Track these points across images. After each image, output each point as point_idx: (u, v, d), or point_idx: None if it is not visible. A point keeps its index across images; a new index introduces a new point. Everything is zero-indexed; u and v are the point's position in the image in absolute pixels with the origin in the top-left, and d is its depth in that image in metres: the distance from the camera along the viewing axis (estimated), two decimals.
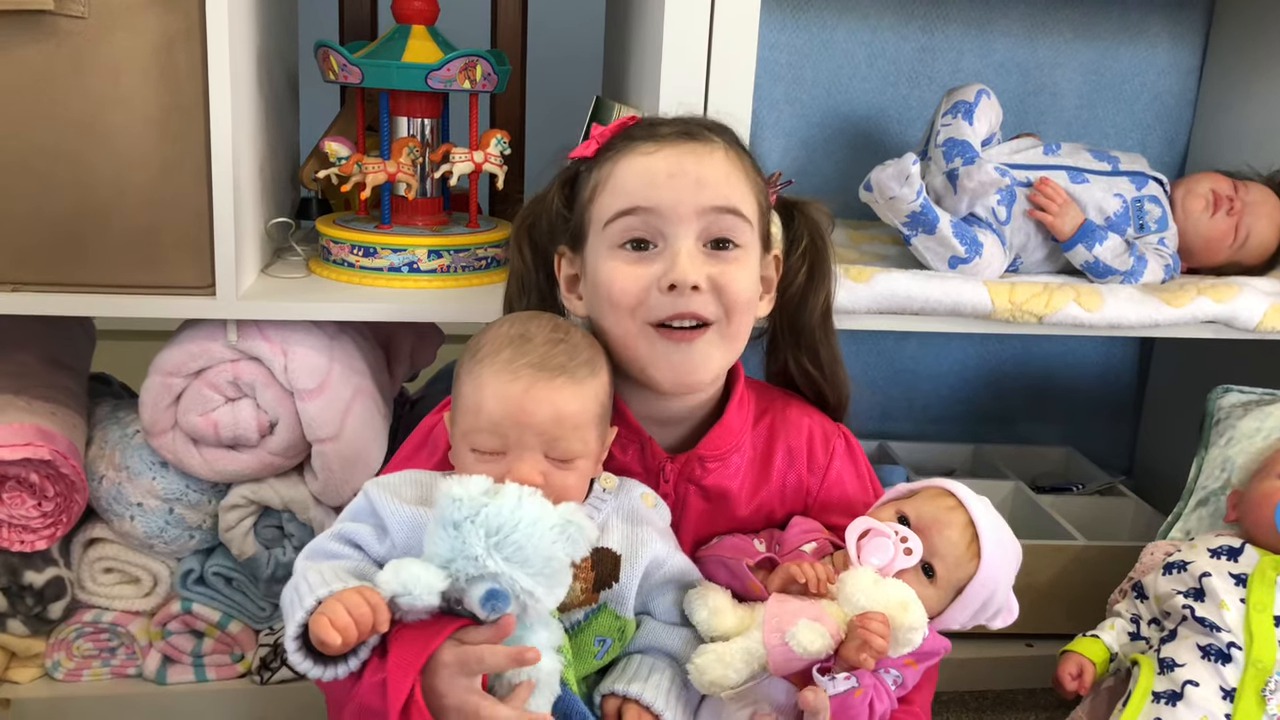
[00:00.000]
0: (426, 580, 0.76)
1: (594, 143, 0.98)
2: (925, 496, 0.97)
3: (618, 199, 0.92)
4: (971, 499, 0.96)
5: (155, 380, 1.21)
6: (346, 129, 1.47)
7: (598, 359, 0.91)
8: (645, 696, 0.86)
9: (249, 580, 1.32)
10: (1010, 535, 0.97)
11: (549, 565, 0.77)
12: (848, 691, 0.84)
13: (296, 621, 0.77)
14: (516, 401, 0.84)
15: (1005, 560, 0.95)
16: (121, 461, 1.27)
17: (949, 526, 0.93)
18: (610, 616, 0.88)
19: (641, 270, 0.91)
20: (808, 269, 1.04)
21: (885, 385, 1.84)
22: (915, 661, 0.91)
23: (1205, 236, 1.46)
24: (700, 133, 0.94)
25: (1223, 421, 1.37)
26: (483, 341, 0.89)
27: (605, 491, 0.92)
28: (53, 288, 1.15)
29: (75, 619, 1.31)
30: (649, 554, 0.89)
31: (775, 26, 1.63)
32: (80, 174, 1.12)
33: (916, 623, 0.86)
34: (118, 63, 1.10)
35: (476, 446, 0.86)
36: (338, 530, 0.86)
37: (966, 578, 0.93)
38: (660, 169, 0.91)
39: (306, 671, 0.78)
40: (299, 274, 1.31)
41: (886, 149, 1.69)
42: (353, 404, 1.25)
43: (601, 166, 0.95)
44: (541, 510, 0.78)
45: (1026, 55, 1.72)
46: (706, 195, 0.91)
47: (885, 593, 0.87)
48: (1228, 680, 1.07)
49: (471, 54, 1.27)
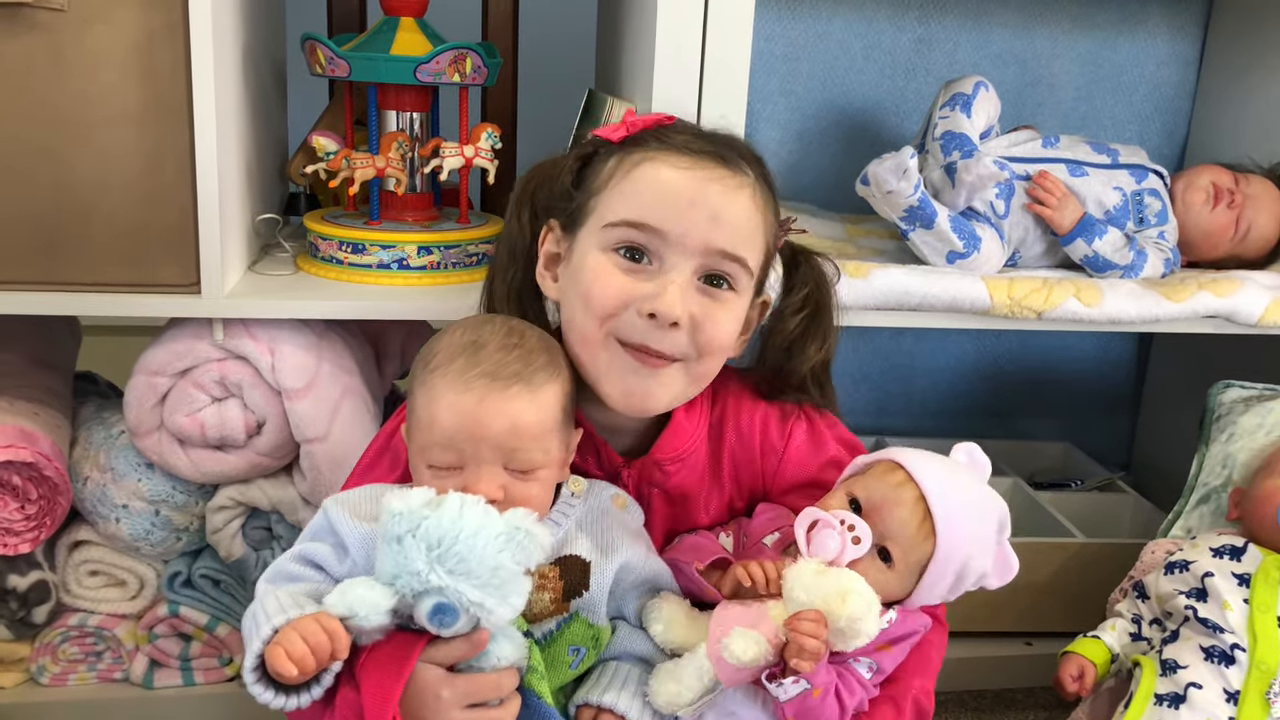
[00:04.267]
0: (372, 600, 0.75)
1: (624, 129, 0.93)
2: (875, 473, 0.90)
3: (629, 206, 0.88)
4: (922, 470, 0.88)
5: (140, 380, 1.19)
6: (334, 123, 1.45)
7: (555, 361, 0.87)
8: (619, 706, 0.84)
9: (237, 582, 1.30)
10: (979, 498, 0.89)
11: (496, 575, 0.74)
12: (801, 695, 0.81)
13: (254, 652, 0.75)
14: (470, 414, 0.81)
15: (969, 531, 0.87)
16: (106, 463, 1.25)
17: (898, 505, 0.86)
18: (583, 625, 0.86)
19: (628, 282, 0.88)
20: (805, 319, 0.99)
21: (882, 381, 1.83)
22: (890, 645, 0.87)
23: (1206, 230, 1.45)
24: (734, 160, 0.90)
25: (1224, 417, 1.36)
26: (435, 350, 0.86)
27: (574, 496, 0.90)
28: (35, 286, 1.13)
29: (60, 623, 1.29)
30: (619, 559, 0.87)
31: (770, 18, 1.61)
32: (61, 171, 1.10)
33: (858, 612, 0.80)
34: (99, 56, 1.07)
35: (432, 462, 0.83)
36: (298, 551, 0.84)
37: (925, 557, 0.86)
38: (683, 192, 0.87)
39: (268, 703, 0.76)
40: (286, 271, 1.29)
41: (883, 142, 1.68)
42: (341, 403, 1.23)
43: (623, 159, 0.90)
44: (484, 519, 0.75)
45: (1024, 46, 1.70)
46: (718, 236, 0.88)
47: (825, 585, 0.81)
48: (1231, 682, 1.06)
49: (461, 46, 1.25)
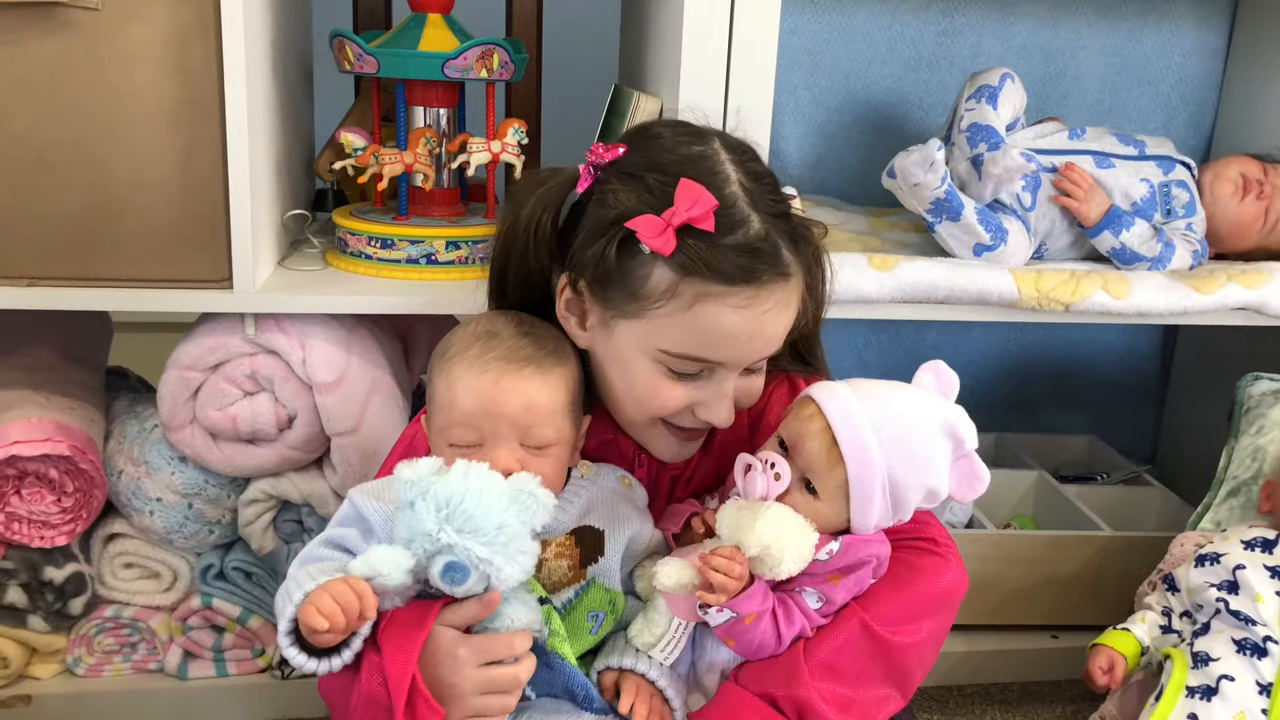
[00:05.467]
0: (393, 559, 0.79)
1: (669, 235, 0.86)
2: (793, 412, 0.92)
3: (690, 342, 0.89)
4: (828, 399, 0.89)
5: (173, 375, 1.21)
6: (362, 119, 1.46)
7: (563, 349, 0.93)
8: (639, 667, 0.90)
9: (268, 575, 1.32)
10: (906, 415, 0.89)
11: (502, 533, 0.79)
12: (728, 622, 0.86)
13: (287, 616, 0.81)
14: (488, 394, 0.87)
15: (885, 450, 0.87)
16: (140, 456, 1.26)
17: (808, 437, 0.88)
18: (600, 590, 0.91)
19: (680, 391, 0.91)
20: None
21: (905, 374, 1.80)
22: (839, 575, 0.89)
23: (1234, 221, 1.44)
24: (782, 259, 0.88)
25: (1253, 410, 1.35)
26: (452, 341, 0.92)
27: (583, 478, 0.95)
28: (70, 283, 1.15)
29: (96, 614, 1.30)
30: (629, 530, 0.93)
31: (794, 11, 1.61)
32: (95, 168, 1.11)
33: (766, 539, 0.84)
34: (132, 55, 1.09)
35: (453, 441, 0.89)
36: (326, 536, 0.89)
37: (842, 481, 0.87)
38: (742, 332, 0.88)
39: (301, 666, 0.81)
40: (316, 266, 1.30)
41: (907, 135, 1.67)
42: (371, 397, 1.24)
43: (678, 286, 0.87)
44: (489, 481, 0.80)
45: (1048, 38, 1.70)
46: (770, 349, 0.92)
47: (740, 519, 0.86)
48: (1264, 674, 1.05)
49: (488, 42, 1.25)
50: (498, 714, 0.83)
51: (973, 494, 0.92)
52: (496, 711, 0.82)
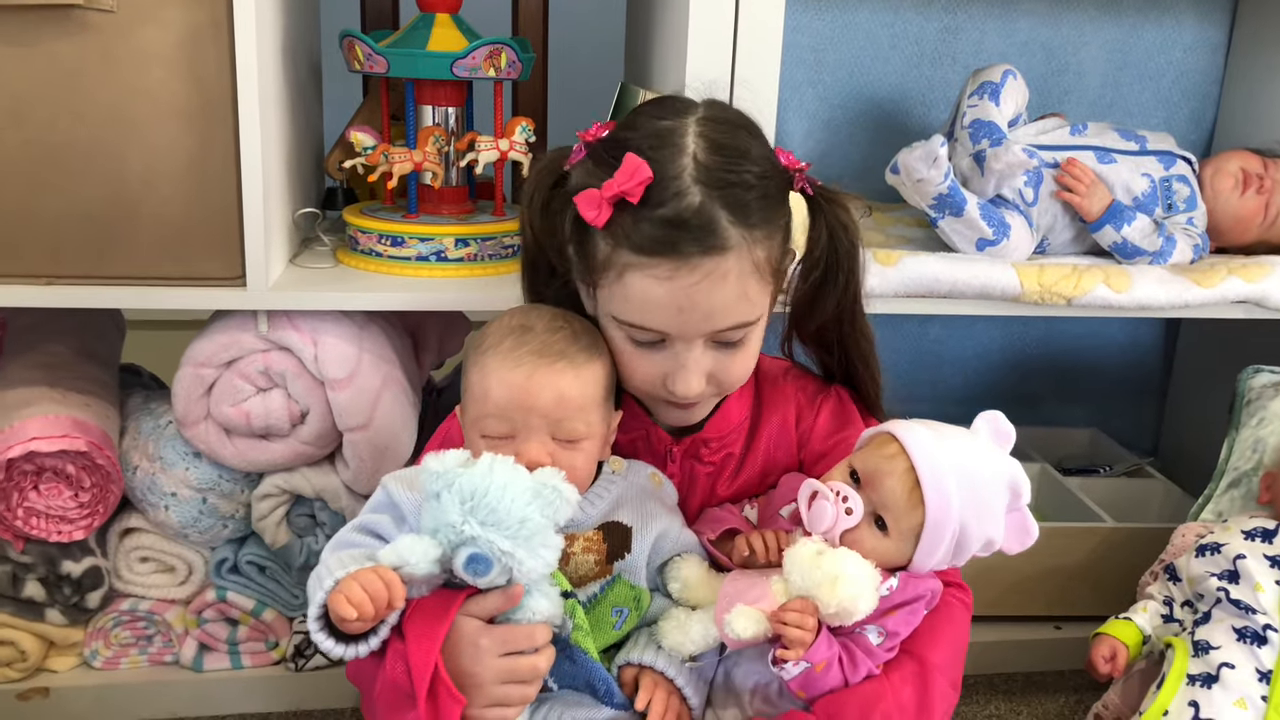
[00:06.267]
0: (421, 549, 0.81)
1: (603, 207, 0.88)
2: (872, 445, 0.92)
3: (627, 310, 0.90)
4: (913, 441, 0.89)
5: (187, 371, 1.22)
6: (371, 118, 1.47)
7: (597, 345, 0.94)
8: (659, 664, 0.91)
9: (282, 569, 1.33)
10: (979, 465, 0.90)
11: (525, 527, 0.80)
12: (802, 673, 0.85)
13: (317, 602, 0.82)
14: (521, 386, 0.89)
15: (962, 499, 0.88)
16: (155, 452, 1.28)
17: (889, 476, 0.88)
18: (625, 586, 0.92)
19: (648, 362, 0.93)
20: (823, 270, 1.00)
21: (909, 368, 1.83)
22: (895, 610, 0.90)
23: (1235, 216, 1.45)
24: (711, 236, 0.86)
25: (1254, 402, 1.37)
26: (487, 334, 0.94)
27: (614, 474, 0.97)
28: (86, 281, 1.16)
29: (112, 608, 1.32)
30: (658, 526, 0.94)
31: (797, 8, 1.62)
32: (110, 167, 1.13)
33: (848, 597, 0.84)
34: (146, 55, 1.10)
35: (486, 432, 0.90)
36: (359, 522, 0.91)
37: (918, 525, 0.88)
38: (669, 303, 0.88)
39: (329, 650, 0.82)
40: (327, 264, 1.31)
41: (910, 131, 1.68)
42: (382, 392, 1.26)
43: (611, 256, 0.89)
44: (513, 475, 0.82)
45: (1050, 34, 1.71)
46: (715, 322, 0.90)
47: (818, 572, 0.85)
48: (1264, 662, 1.07)
49: (496, 41, 1.27)
50: (518, 703, 0.84)
51: (1021, 547, 0.93)
52: (516, 700, 0.84)
